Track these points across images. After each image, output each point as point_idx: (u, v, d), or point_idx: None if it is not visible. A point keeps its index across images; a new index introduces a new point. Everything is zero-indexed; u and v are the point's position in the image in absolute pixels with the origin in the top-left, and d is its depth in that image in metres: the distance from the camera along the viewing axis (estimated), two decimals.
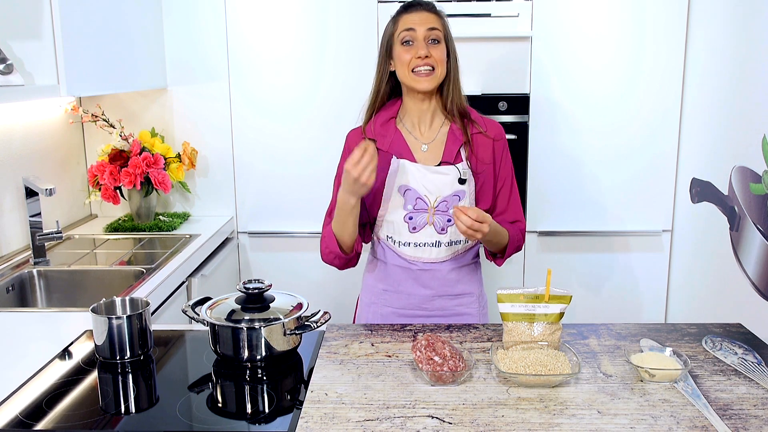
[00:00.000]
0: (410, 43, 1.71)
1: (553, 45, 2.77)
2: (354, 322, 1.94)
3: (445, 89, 1.77)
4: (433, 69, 1.71)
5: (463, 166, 1.75)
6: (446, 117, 1.80)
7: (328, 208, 1.83)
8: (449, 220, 1.75)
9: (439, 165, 1.76)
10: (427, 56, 1.69)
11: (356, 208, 1.66)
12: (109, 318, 1.45)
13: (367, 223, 1.84)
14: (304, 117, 2.87)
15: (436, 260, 1.79)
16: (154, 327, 1.58)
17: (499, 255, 1.83)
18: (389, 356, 1.50)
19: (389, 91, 1.83)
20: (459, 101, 1.78)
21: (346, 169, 1.58)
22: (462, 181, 1.74)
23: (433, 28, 1.71)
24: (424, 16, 1.72)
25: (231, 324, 1.44)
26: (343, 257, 1.75)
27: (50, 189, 2.19)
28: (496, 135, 1.81)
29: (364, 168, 1.56)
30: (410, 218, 1.75)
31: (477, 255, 1.88)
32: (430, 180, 1.73)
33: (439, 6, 1.78)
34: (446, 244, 1.78)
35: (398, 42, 1.73)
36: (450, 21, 1.78)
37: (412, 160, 1.76)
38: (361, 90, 1.86)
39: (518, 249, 1.83)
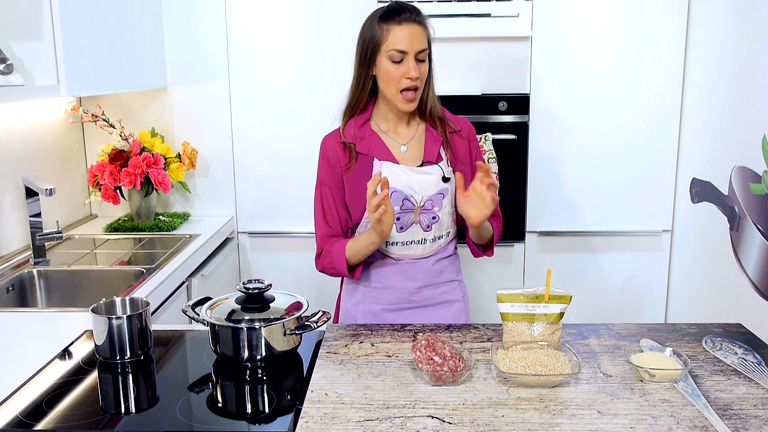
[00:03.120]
0: (400, 61, 1.69)
1: (553, 45, 2.77)
2: (335, 323, 1.93)
3: (423, 94, 1.77)
4: (418, 88, 1.72)
5: (445, 164, 1.79)
6: (421, 117, 1.83)
7: (318, 226, 1.83)
8: (434, 218, 1.78)
9: (421, 165, 1.78)
10: (417, 77, 1.69)
11: (380, 244, 1.73)
12: (109, 318, 1.45)
13: (352, 228, 1.84)
14: (304, 117, 2.87)
15: (422, 256, 1.82)
16: (154, 327, 1.58)
17: (488, 245, 1.87)
18: (389, 356, 1.50)
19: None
20: (434, 104, 1.81)
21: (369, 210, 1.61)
22: (446, 179, 1.78)
23: (422, 50, 1.70)
24: (415, 32, 1.69)
25: (231, 324, 1.44)
26: (344, 275, 1.81)
27: (50, 189, 2.19)
28: (470, 135, 1.87)
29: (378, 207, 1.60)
30: (397, 219, 1.76)
31: (456, 246, 1.92)
32: (416, 180, 1.75)
33: (424, 11, 1.75)
34: (431, 240, 1.81)
35: (385, 56, 1.70)
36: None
37: (394, 161, 1.77)
38: None
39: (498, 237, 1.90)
